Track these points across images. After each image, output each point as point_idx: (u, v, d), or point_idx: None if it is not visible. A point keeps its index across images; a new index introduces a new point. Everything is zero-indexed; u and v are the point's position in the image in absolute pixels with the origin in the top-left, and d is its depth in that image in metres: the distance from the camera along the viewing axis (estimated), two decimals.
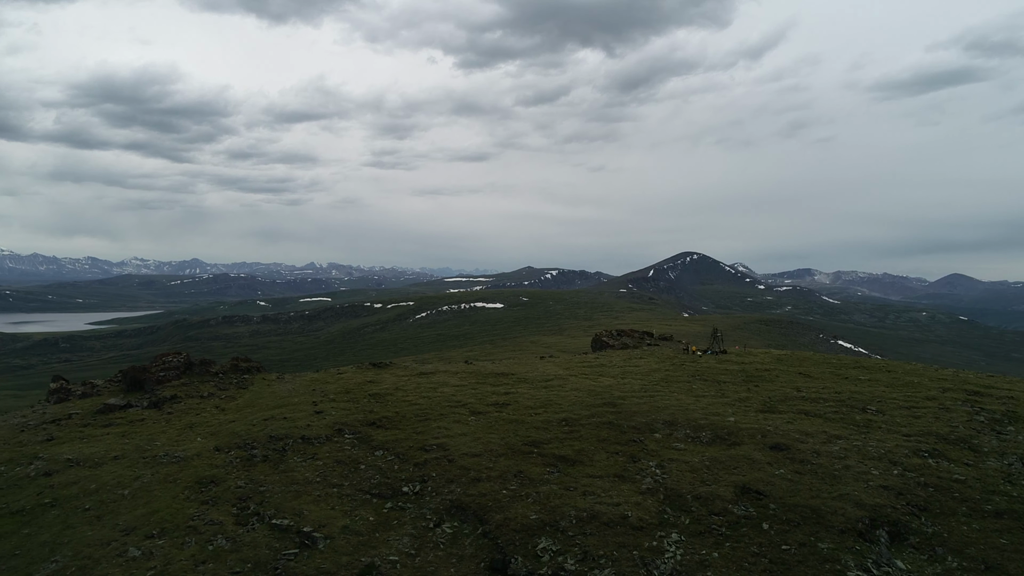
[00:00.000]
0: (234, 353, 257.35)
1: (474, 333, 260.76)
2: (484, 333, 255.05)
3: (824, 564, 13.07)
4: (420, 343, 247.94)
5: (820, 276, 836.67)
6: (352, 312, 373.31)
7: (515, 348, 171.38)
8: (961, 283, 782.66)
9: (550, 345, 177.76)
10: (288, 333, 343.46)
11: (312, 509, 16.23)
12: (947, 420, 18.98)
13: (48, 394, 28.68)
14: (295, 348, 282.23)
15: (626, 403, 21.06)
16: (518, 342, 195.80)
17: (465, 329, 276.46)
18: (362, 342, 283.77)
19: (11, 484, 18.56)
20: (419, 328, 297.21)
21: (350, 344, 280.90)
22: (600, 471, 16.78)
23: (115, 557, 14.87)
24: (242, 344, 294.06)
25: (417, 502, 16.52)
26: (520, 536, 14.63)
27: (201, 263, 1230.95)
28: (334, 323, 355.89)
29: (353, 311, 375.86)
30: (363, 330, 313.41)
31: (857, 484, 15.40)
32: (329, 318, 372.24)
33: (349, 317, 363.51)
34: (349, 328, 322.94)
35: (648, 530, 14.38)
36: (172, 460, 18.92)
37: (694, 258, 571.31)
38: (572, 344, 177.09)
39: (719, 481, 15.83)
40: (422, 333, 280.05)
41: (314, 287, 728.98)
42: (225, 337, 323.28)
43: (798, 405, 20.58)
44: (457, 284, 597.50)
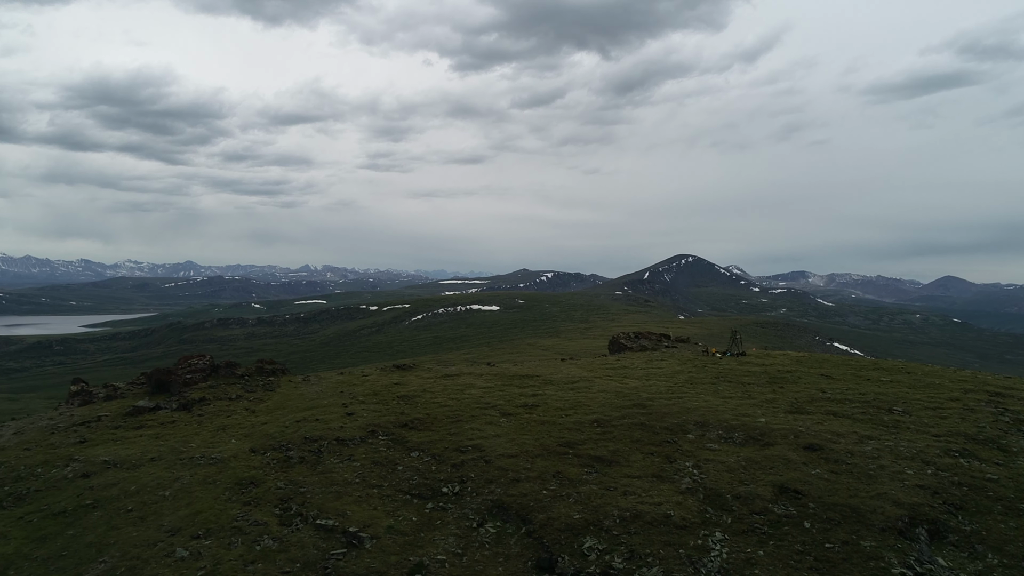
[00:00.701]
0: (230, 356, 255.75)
1: (470, 336, 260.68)
2: (480, 336, 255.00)
3: (868, 562, 13.34)
4: (416, 345, 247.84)
5: (814, 278, 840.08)
6: (348, 314, 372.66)
7: (513, 351, 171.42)
8: (954, 285, 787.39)
9: (548, 347, 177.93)
10: (284, 336, 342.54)
11: (355, 510, 16.42)
12: (973, 421, 19.32)
13: (69, 396, 28.75)
14: (291, 351, 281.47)
15: (655, 404, 21.33)
16: (516, 344, 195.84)
17: (461, 332, 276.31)
18: (358, 344, 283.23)
19: (49, 486, 18.70)
20: (415, 330, 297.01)
21: (346, 346, 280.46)
22: (638, 471, 17.02)
23: (163, 557, 15.03)
24: (237, 347, 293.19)
25: (458, 502, 16.73)
26: (565, 535, 14.86)
27: (195, 265, 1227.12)
28: (330, 325, 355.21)
29: (349, 313, 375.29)
30: (359, 332, 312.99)
31: (893, 483, 15.69)
32: (325, 320, 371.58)
33: (345, 319, 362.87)
34: (345, 330, 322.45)
35: (692, 529, 14.63)
36: (209, 462, 19.08)
37: (689, 261, 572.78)
38: (570, 347, 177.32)
39: (757, 481, 16.10)
40: (418, 335, 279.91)
41: (309, 289, 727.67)
42: (220, 340, 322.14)
43: (825, 406, 20.90)
44: (452, 286, 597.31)
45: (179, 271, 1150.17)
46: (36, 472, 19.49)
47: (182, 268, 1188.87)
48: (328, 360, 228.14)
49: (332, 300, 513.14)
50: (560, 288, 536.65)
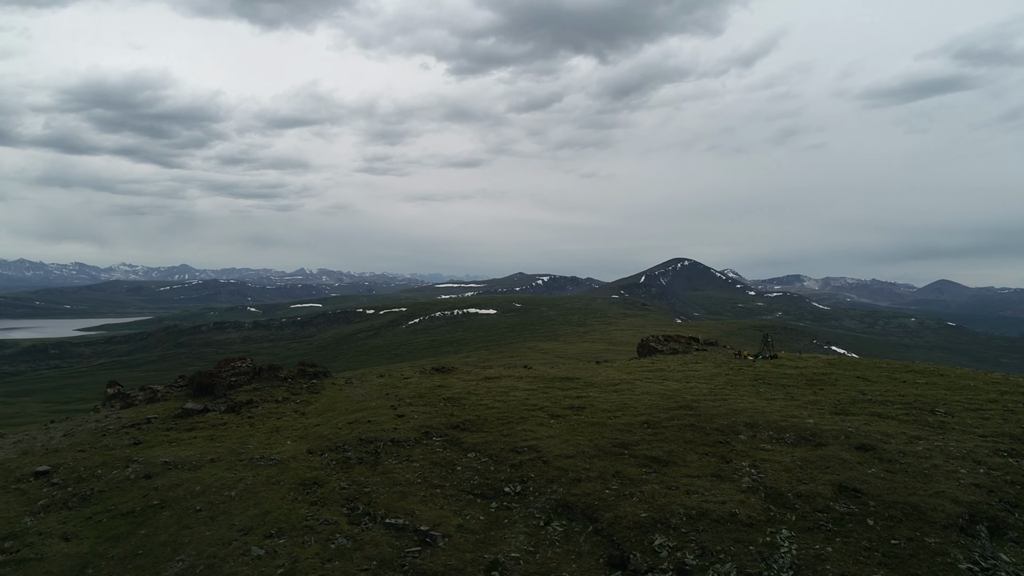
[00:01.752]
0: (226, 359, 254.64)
1: (468, 339, 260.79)
2: (478, 339, 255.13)
3: (935, 557, 13.78)
4: (414, 349, 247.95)
5: (810, 282, 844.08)
6: (344, 318, 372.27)
7: (512, 354, 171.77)
8: (948, 289, 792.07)
9: (547, 351, 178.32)
10: (280, 339, 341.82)
11: (422, 509, 16.77)
12: (1016, 421, 19.80)
13: (106, 399, 29.00)
14: (288, 354, 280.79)
15: (701, 406, 21.75)
16: (515, 348, 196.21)
17: (459, 335, 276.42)
18: (355, 348, 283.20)
19: (113, 487, 19.00)
20: (412, 334, 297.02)
21: (343, 350, 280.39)
22: (696, 471, 17.43)
23: (240, 556, 15.36)
24: (234, 350, 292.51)
25: (521, 502, 17.10)
26: (634, 533, 15.25)
27: (190, 269, 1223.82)
28: (326, 329, 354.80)
29: (345, 317, 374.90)
30: (356, 336, 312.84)
31: (949, 482, 16.13)
32: (321, 324, 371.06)
33: (341, 323, 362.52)
34: (342, 334, 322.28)
35: (758, 526, 15.04)
36: (269, 463, 19.40)
37: (685, 264, 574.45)
38: (570, 350, 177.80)
39: (815, 480, 16.52)
40: (415, 339, 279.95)
41: (304, 293, 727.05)
42: (217, 343, 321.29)
43: (868, 408, 21.36)
44: (448, 290, 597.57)
45: (174, 274, 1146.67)
46: (97, 473, 19.78)
47: (177, 271, 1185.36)
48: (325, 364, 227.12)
49: (328, 304, 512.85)
50: (557, 292, 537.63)
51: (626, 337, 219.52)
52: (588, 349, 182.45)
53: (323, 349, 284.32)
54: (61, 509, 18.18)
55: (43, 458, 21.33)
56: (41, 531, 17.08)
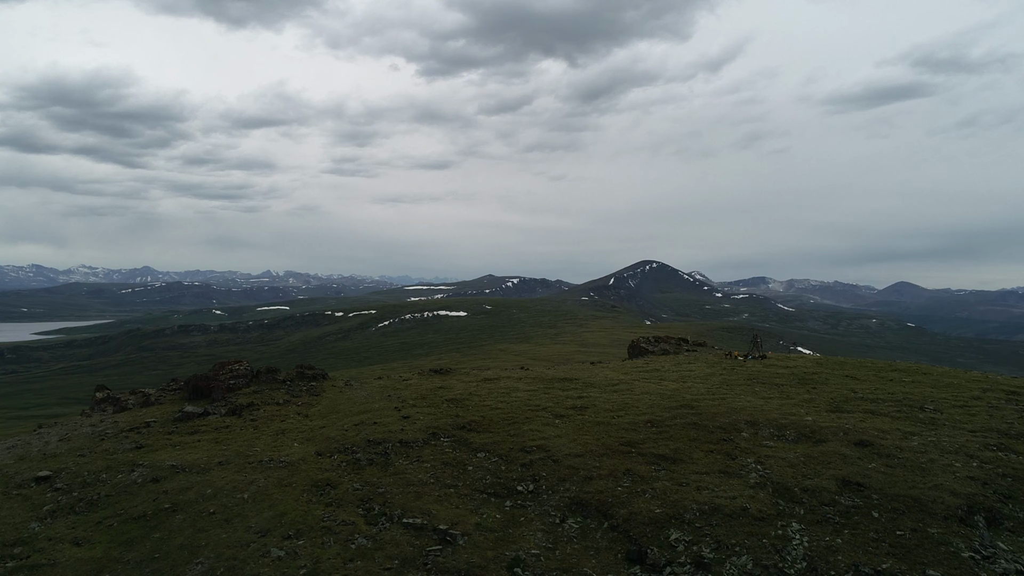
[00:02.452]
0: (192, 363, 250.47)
1: (439, 342, 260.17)
2: (449, 341, 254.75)
3: (939, 547, 14.44)
4: (384, 352, 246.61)
5: (774, 284, 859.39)
6: (313, 321, 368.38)
7: (485, 356, 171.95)
8: (908, 291, 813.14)
9: (520, 353, 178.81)
10: (247, 343, 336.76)
11: (438, 509, 16.98)
12: (1001, 417, 20.71)
13: (94, 403, 28.58)
14: (255, 358, 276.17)
15: (701, 405, 22.30)
16: (486, 350, 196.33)
17: (429, 337, 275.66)
18: (324, 351, 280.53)
19: (120, 491, 18.83)
20: (382, 337, 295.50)
21: (312, 353, 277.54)
22: (704, 468, 17.93)
23: (260, 558, 15.41)
24: (199, 354, 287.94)
25: (535, 500, 17.41)
26: (650, 528, 15.67)
27: (152, 271, 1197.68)
28: (294, 332, 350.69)
29: (314, 320, 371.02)
30: (325, 339, 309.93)
31: (946, 475, 16.88)
32: (289, 327, 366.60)
33: (310, 326, 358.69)
34: (310, 337, 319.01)
35: (769, 520, 15.57)
36: (279, 465, 19.41)
37: (653, 266, 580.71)
38: (543, 352, 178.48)
39: (819, 475, 17.13)
40: (385, 342, 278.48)
41: (271, 295, 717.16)
42: (182, 347, 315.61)
43: (861, 405, 22.13)
44: (418, 292, 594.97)
45: (136, 276, 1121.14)
46: (102, 478, 19.58)
47: (139, 274, 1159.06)
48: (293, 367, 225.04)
49: (296, 306, 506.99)
50: (526, 294, 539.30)
51: (597, 339, 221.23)
52: (560, 351, 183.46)
53: (291, 352, 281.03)
54: (68, 514, 17.98)
55: (42, 463, 21.02)
56: (50, 536, 16.89)
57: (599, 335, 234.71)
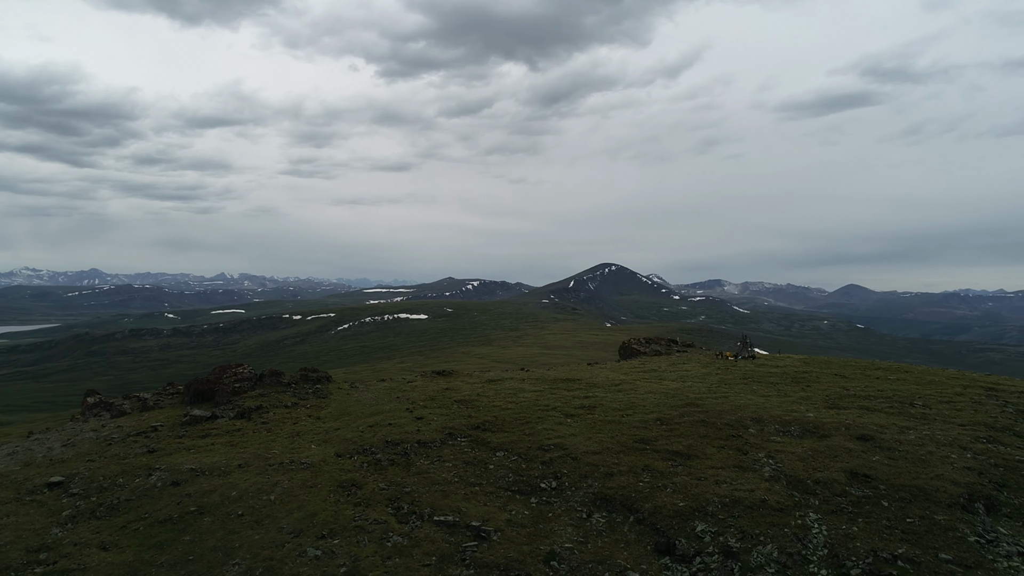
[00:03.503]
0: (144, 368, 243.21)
1: (399, 345, 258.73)
2: (410, 344, 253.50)
3: (947, 532, 15.46)
4: (344, 355, 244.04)
5: (729, 287, 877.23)
6: (270, 324, 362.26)
7: (448, 359, 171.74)
8: (857, 293, 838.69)
9: (484, 356, 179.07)
10: (202, 347, 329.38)
11: (467, 506, 17.39)
12: (985, 412, 22.04)
13: (85, 408, 28.12)
14: (210, 362, 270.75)
15: (706, 403, 23.15)
16: (449, 353, 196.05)
17: (390, 341, 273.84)
18: (282, 355, 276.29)
19: (140, 495, 18.74)
20: (341, 340, 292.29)
21: (269, 358, 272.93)
22: (718, 463, 18.72)
23: (296, 558, 15.61)
24: (152, 359, 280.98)
25: (560, 496, 17.95)
26: (676, 521, 16.36)
27: (101, 273, 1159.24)
28: (251, 336, 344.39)
29: (271, 323, 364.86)
30: (282, 343, 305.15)
31: (945, 466, 17.97)
32: (245, 331, 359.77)
33: (267, 329, 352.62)
34: (267, 341, 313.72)
35: (788, 511, 16.41)
36: (301, 466, 19.54)
37: (612, 269, 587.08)
38: (506, 355, 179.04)
39: (828, 468, 18.07)
40: (345, 345, 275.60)
41: (226, 298, 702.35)
42: (133, 352, 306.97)
43: (856, 402, 23.26)
44: (377, 295, 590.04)
45: (83, 279, 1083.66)
46: (119, 482, 19.44)
47: (86, 276, 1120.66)
48: None
49: (252, 309, 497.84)
50: (487, 296, 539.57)
51: (560, 341, 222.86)
52: (523, 353, 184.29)
53: (247, 356, 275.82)
54: (89, 519, 17.84)
55: (50, 469, 20.73)
56: (75, 541, 16.77)
57: (561, 337, 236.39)
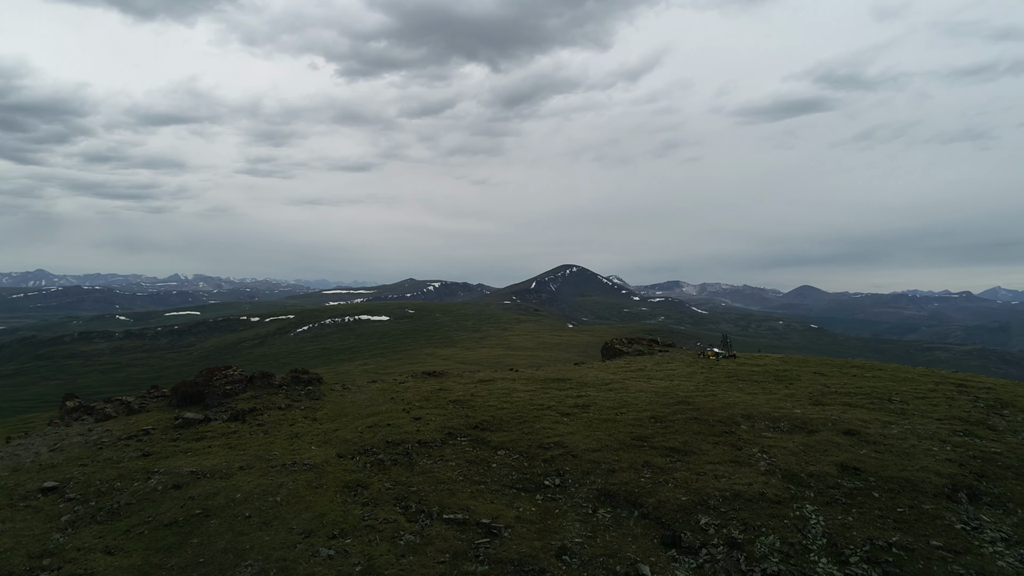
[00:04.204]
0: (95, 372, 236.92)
1: (361, 347, 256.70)
2: (372, 346, 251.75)
3: (935, 521, 16.33)
4: (304, 358, 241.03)
5: (688, 288, 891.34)
6: (227, 326, 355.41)
7: (411, 361, 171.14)
8: (810, 294, 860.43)
9: (448, 357, 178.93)
10: (156, 350, 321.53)
11: (475, 504, 17.66)
12: (959, 407, 23.17)
13: (65, 413, 27.53)
14: (165, 366, 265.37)
15: (696, 401, 23.82)
16: (412, 355, 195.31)
17: (351, 343, 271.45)
18: (240, 358, 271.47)
19: (140, 499, 18.54)
20: (301, 342, 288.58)
21: (227, 360, 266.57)
22: (715, 458, 19.36)
23: (310, 558, 15.68)
24: (103, 362, 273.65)
25: (564, 493, 18.35)
26: (680, 515, 16.91)
27: (47, 274, 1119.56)
28: (207, 338, 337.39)
29: (228, 325, 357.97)
30: (240, 345, 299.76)
31: (928, 459, 18.92)
32: (201, 333, 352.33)
33: (224, 332, 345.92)
34: (225, 343, 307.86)
35: (785, 503, 17.10)
36: (304, 468, 19.55)
37: (573, 271, 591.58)
38: (470, 356, 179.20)
39: (820, 461, 18.85)
40: (305, 347, 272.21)
41: (180, 300, 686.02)
42: (83, 355, 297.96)
43: (838, 399, 24.20)
44: (337, 296, 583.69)
45: (29, 280, 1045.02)
46: (116, 486, 19.17)
47: (32, 277, 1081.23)
48: None
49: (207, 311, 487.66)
50: (448, 298, 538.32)
51: (523, 342, 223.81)
52: (487, 354, 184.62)
53: (204, 359, 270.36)
54: (90, 524, 17.59)
55: (41, 474, 20.31)
56: (78, 547, 16.53)
57: (524, 338, 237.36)
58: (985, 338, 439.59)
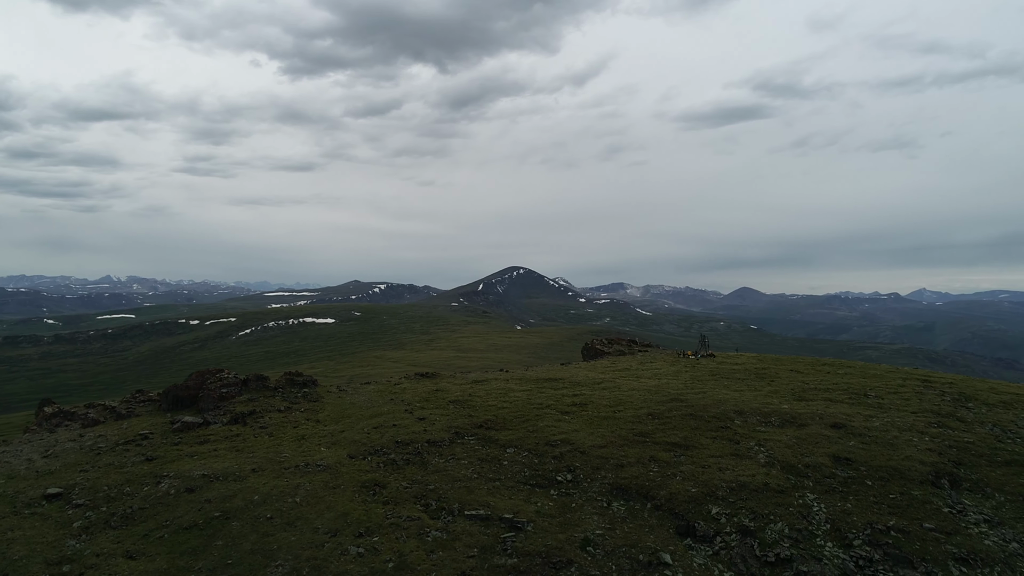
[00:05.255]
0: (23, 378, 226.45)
1: (306, 349, 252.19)
2: (317, 349, 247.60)
3: (924, 505, 17.65)
4: (247, 362, 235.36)
5: (632, 289, 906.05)
6: (164, 329, 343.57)
7: (360, 364, 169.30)
8: (749, 296, 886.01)
9: (398, 360, 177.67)
10: (88, 354, 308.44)
11: (494, 500, 18.15)
12: (929, 401, 24.81)
13: (43, 419, 26.74)
14: (99, 371, 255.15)
15: (688, 398, 24.81)
16: (361, 357, 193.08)
17: (296, 345, 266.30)
18: (179, 362, 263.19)
19: (153, 503, 18.36)
20: (244, 345, 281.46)
21: (165, 365, 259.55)
22: (716, 452, 20.32)
23: (339, 556, 15.93)
24: (31, 368, 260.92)
25: (578, 488, 19.00)
26: (691, 505, 17.78)
27: None
28: (143, 342, 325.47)
29: (165, 328, 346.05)
30: (179, 349, 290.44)
31: (910, 449, 20.32)
32: (137, 337, 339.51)
33: (161, 335, 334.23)
34: (162, 347, 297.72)
35: (788, 492, 18.17)
36: (318, 469, 19.65)
37: (520, 272, 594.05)
38: (421, 358, 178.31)
39: (814, 453, 20.03)
40: (248, 351, 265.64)
41: (113, 303, 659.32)
42: (9, 361, 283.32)
43: (819, 394, 25.58)
44: (279, 298, 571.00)
45: None
46: (126, 491, 18.90)
47: None
48: (145, 380, 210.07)
49: (143, 314, 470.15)
50: (394, 300, 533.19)
51: (473, 344, 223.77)
52: (438, 356, 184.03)
53: (140, 364, 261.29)
54: (104, 529, 17.35)
55: (40, 480, 19.83)
56: (97, 552, 16.33)
57: (474, 340, 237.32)
58: (912, 337, 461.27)
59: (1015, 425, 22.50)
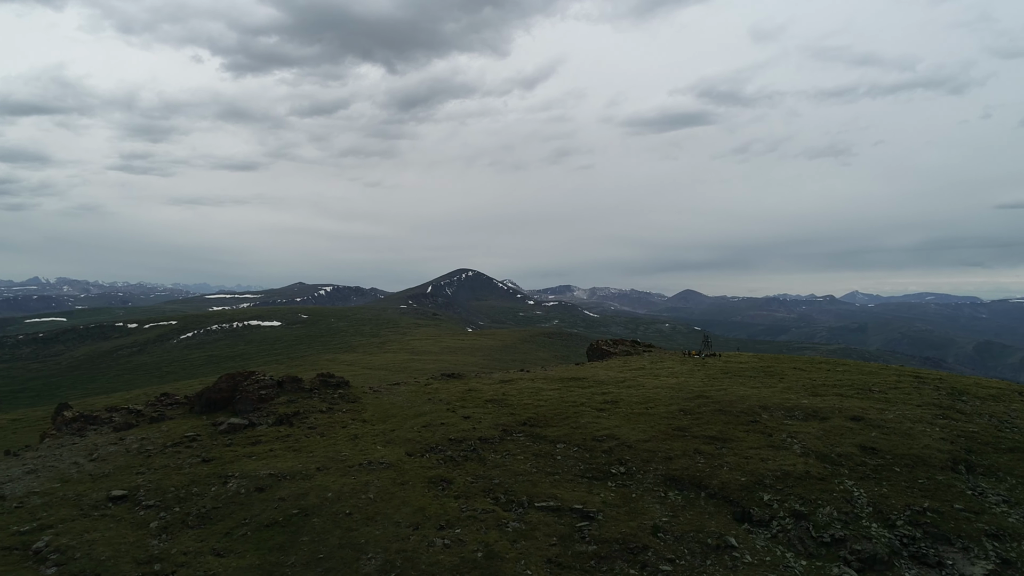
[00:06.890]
0: None
1: (252, 353, 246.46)
2: (264, 353, 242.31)
3: (950, 488, 19.41)
4: (190, 366, 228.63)
5: (579, 292, 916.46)
6: (100, 333, 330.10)
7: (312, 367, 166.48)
8: (692, 298, 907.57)
9: (352, 363, 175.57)
10: (18, 359, 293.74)
11: (560, 492, 19.10)
12: (928, 395, 26.86)
13: (63, 423, 26.34)
14: (29, 377, 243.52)
15: (712, 395, 26.22)
16: (311, 361, 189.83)
17: (240, 349, 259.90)
18: (117, 367, 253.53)
19: (226, 503, 18.64)
20: (186, 350, 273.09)
21: (102, 370, 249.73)
22: (754, 444, 21.74)
23: (427, 547, 16.63)
24: None
25: (633, 480, 20.11)
26: (744, 493, 19.10)
27: None
28: (77, 347, 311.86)
29: (101, 332, 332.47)
30: (116, 353, 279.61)
31: (927, 438, 22.15)
32: (70, 341, 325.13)
33: (96, 339, 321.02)
34: (98, 352, 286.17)
35: (828, 480, 19.68)
36: (381, 466, 20.21)
37: (469, 275, 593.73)
38: (375, 361, 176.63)
39: (842, 444, 21.65)
40: (190, 355, 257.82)
41: (41, 305, 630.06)
42: None
43: (829, 390, 27.35)
44: (221, 301, 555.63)
45: None
46: (193, 492, 19.10)
47: None
48: (81, 385, 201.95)
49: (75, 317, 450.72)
50: (341, 302, 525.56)
51: (426, 347, 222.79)
52: (392, 359, 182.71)
53: (75, 369, 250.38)
54: (183, 529, 17.59)
55: (98, 483, 19.80)
56: (183, 551, 16.60)
57: (427, 343, 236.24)
58: (846, 338, 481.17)
59: (1009, 416, 24.68)
